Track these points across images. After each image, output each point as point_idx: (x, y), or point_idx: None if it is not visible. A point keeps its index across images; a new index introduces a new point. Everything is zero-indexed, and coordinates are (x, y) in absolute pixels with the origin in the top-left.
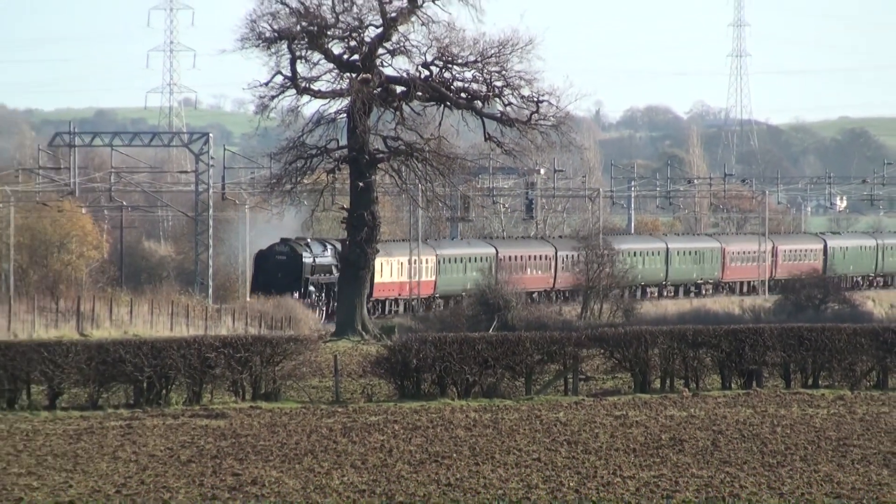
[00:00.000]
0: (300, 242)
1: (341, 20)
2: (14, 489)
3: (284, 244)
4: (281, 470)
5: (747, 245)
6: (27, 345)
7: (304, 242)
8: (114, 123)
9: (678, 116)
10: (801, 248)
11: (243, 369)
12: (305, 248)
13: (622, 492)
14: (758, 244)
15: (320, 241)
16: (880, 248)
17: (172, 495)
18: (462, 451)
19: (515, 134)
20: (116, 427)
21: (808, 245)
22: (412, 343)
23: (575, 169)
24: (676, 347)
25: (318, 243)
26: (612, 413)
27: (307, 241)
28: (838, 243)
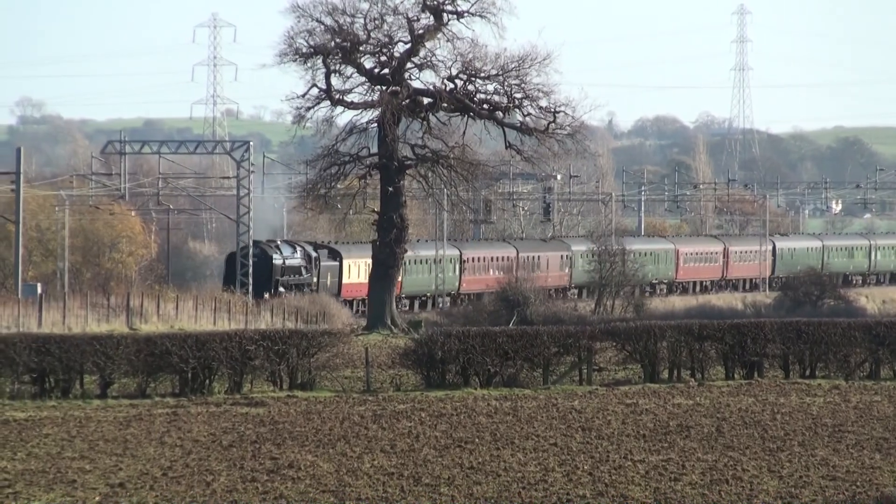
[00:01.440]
0: (270, 244)
1: (372, 37)
2: (68, 472)
3: (255, 246)
4: (316, 454)
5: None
6: (81, 338)
7: (274, 244)
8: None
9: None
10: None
11: (281, 361)
12: (276, 250)
13: (633, 474)
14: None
15: (290, 244)
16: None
17: (215, 477)
18: (484, 437)
19: (534, 142)
20: (163, 414)
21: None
22: (438, 336)
23: (589, 174)
24: (683, 340)
25: (289, 245)
26: (624, 401)
27: (277, 242)
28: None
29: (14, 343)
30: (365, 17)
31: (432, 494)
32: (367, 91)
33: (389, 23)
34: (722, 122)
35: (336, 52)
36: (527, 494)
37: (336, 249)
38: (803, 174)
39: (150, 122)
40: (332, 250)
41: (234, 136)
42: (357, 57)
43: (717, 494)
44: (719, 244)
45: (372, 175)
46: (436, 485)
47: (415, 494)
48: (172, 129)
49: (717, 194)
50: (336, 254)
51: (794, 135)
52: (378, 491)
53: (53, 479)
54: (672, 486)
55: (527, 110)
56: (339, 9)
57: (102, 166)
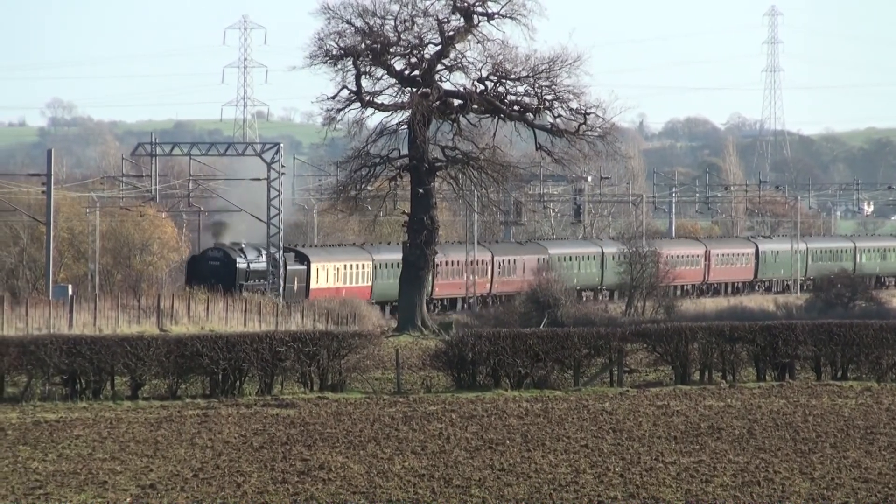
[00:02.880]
0: (234, 248)
1: (403, 38)
2: (99, 473)
3: (218, 249)
4: (346, 456)
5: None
6: (111, 339)
7: (238, 248)
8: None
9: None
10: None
11: (311, 362)
12: (239, 254)
13: (664, 476)
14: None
15: (255, 247)
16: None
17: (245, 479)
18: (515, 439)
19: (564, 144)
20: (194, 416)
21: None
22: (468, 338)
23: (620, 176)
24: (714, 342)
25: (253, 249)
26: (655, 403)
27: (241, 246)
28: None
29: (45, 344)
30: (395, 18)
31: (463, 496)
32: (397, 93)
33: (419, 24)
34: (753, 124)
35: (366, 53)
36: (558, 496)
37: (303, 253)
38: (835, 175)
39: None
40: (299, 254)
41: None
42: (387, 58)
43: (748, 496)
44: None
45: (402, 177)
46: (466, 486)
47: (445, 496)
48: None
49: (748, 196)
50: (303, 257)
51: (825, 136)
52: (409, 492)
53: (84, 480)
54: (703, 488)
55: (557, 112)
56: (370, 10)
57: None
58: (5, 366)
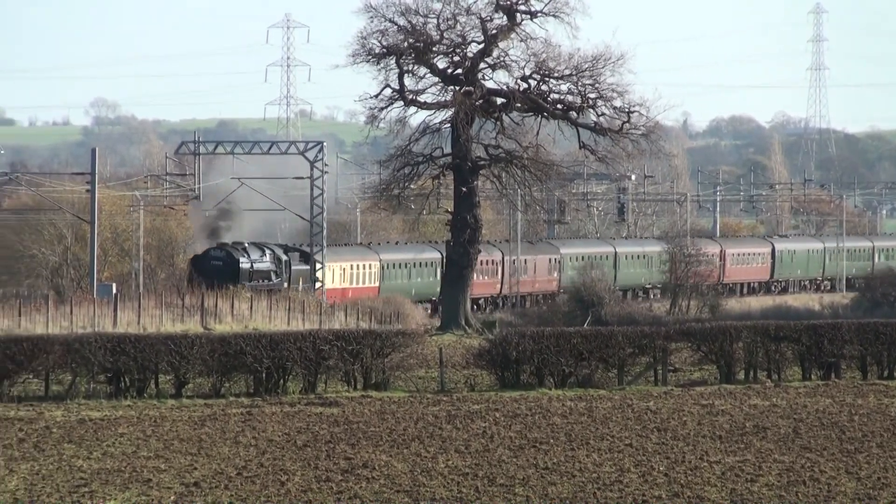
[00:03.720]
0: (237, 247)
1: (446, 37)
2: (144, 471)
3: (220, 249)
4: (390, 454)
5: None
6: (155, 338)
7: (241, 247)
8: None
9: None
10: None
11: (355, 361)
12: (243, 253)
13: (709, 475)
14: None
15: (259, 246)
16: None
17: (289, 477)
18: (559, 438)
19: (608, 142)
20: (237, 414)
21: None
22: (512, 337)
23: (664, 175)
24: (759, 341)
25: (257, 248)
26: (699, 402)
27: (245, 245)
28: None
29: (90, 343)
30: (438, 17)
31: (507, 495)
32: (440, 91)
33: (462, 23)
34: (798, 122)
35: (409, 52)
36: (602, 495)
37: (308, 253)
38: (881, 174)
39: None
40: (304, 253)
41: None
42: (430, 57)
43: (794, 496)
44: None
45: (445, 175)
46: (510, 485)
47: (489, 495)
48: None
49: (793, 195)
50: (308, 257)
51: (870, 134)
52: (453, 491)
53: (129, 478)
54: (748, 488)
55: (601, 110)
56: (412, 9)
57: (176, 167)
58: (50, 364)
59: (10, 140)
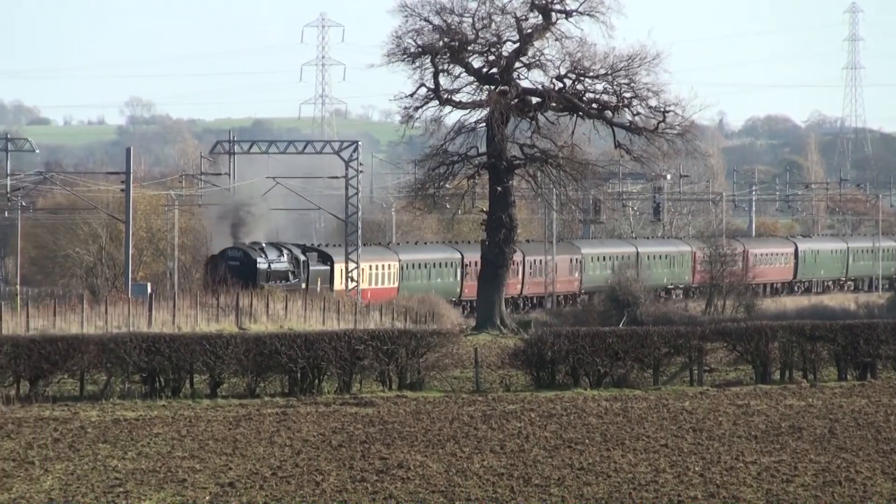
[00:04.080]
0: (254, 247)
1: (481, 36)
2: (178, 471)
3: (237, 249)
4: (425, 454)
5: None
6: (190, 337)
7: (258, 247)
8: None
9: (796, 125)
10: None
11: (390, 361)
12: (260, 253)
13: (744, 476)
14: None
15: (276, 246)
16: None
17: (324, 477)
18: (594, 438)
19: (643, 141)
20: (272, 414)
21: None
22: (547, 337)
23: (699, 174)
24: (795, 341)
25: (274, 248)
26: (735, 402)
27: (262, 245)
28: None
29: (125, 342)
30: (473, 16)
31: (542, 495)
32: (475, 90)
33: (497, 22)
34: (834, 122)
35: (444, 51)
36: (637, 495)
37: (327, 253)
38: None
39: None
40: (322, 253)
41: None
42: (465, 56)
43: (829, 496)
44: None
45: (480, 175)
46: (546, 485)
47: (525, 495)
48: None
49: (829, 194)
50: (327, 257)
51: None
52: (488, 491)
53: (164, 478)
54: (784, 488)
55: (636, 110)
56: (447, 8)
57: (211, 166)
58: (85, 364)
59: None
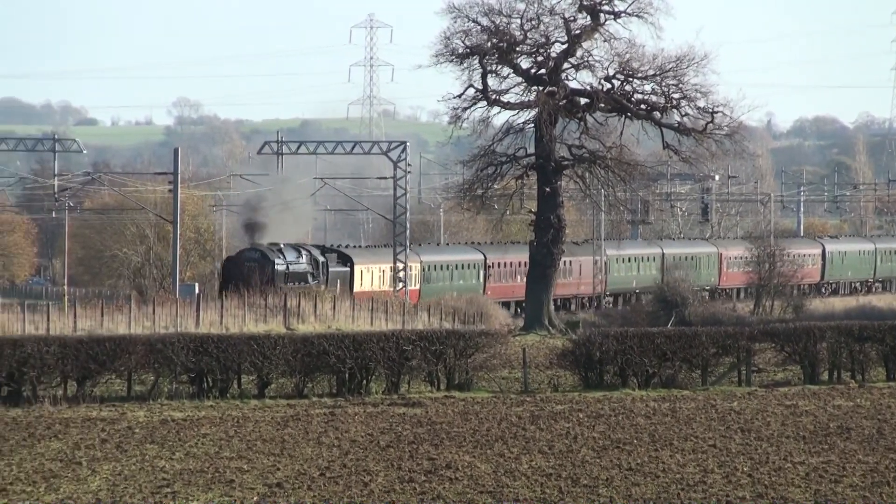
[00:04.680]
0: (272, 248)
1: (529, 37)
2: (226, 472)
3: (254, 250)
4: (473, 455)
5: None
6: (238, 338)
7: (276, 248)
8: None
9: (845, 126)
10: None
11: (438, 361)
12: (278, 255)
13: (793, 476)
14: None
15: (295, 247)
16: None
17: (372, 478)
18: (642, 438)
19: (692, 142)
20: (320, 414)
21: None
22: (595, 337)
23: (747, 175)
24: (843, 341)
25: (293, 249)
26: (783, 403)
27: (280, 246)
28: None
29: (172, 343)
30: (521, 17)
31: (590, 495)
32: (523, 91)
33: (546, 23)
34: (882, 122)
35: (492, 52)
36: (686, 496)
37: (346, 254)
38: None
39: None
40: (342, 255)
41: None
42: (513, 57)
43: (878, 497)
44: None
45: (529, 175)
46: (594, 486)
47: (573, 495)
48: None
49: (877, 195)
50: (347, 259)
51: None
52: (536, 492)
53: (211, 478)
54: (832, 488)
55: (684, 110)
56: (496, 9)
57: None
58: (133, 364)
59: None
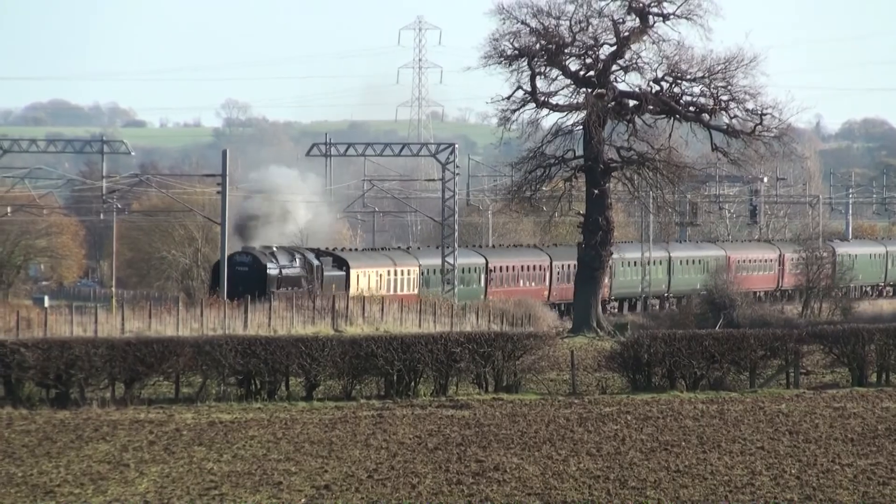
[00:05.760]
0: (265, 252)
1: (578, 39)
2: (274, 474)
3: (246, 254)
4: (521, 457)
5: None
6: (286, 340)
7: (269, 252)
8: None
9: (893, 128)
10: None
11: (486, 363)
12: (270, 259)
13: (841, 478)
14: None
15: (289, 251)
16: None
17: (420, 480)
18: (690, 440)
19: (740, 144)
20: (368, 416)
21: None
22: (644, 339)
23: (796, 177)
24: (892, 344)
25: (286, 253)
26: (831, 405)
27: (273, 250)
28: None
29: (220, 345)
30: (570, 19)
31: (638, 497)
32: (572, 93)
33: (594, 25)
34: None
35: (541, 54)
36: (733, 498)
37: (342, 258)
38: None
39: (355, 124)
40: (337, 258)
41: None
42: (562, 59)
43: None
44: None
45: (577, 177)
46: (642, 488)
47: (621, 497)
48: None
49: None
50: (342, 262)
51: None
52: (584, 494)
53: (259, 480)
54: (881, 490)
55: (733, 112)
56: (544, 11)
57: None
58: (181, 366)
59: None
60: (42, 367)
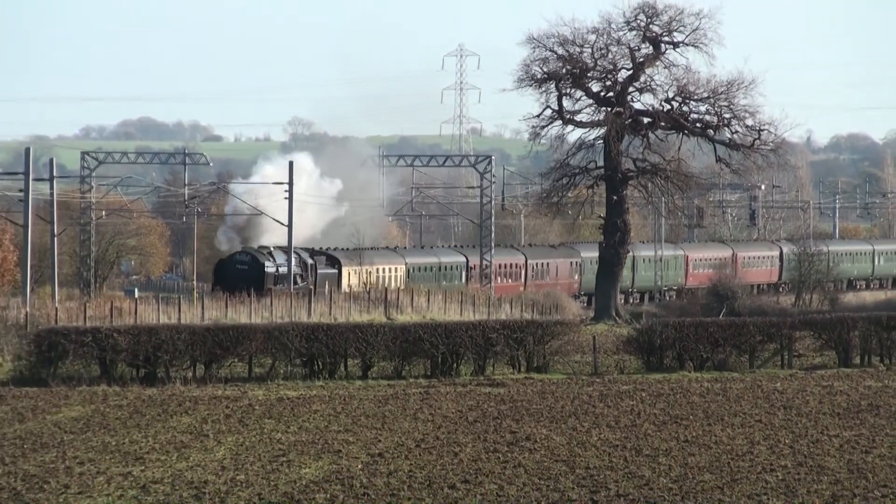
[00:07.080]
0: (262, 251)
1: (599, 64)
2: (334, 443)
3: (245, 253)
4: (549, 428)
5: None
6: (345, 327)
7: (266, 251)
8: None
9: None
10: None
11: (519, 347)
12: (268, 258)
13: (829, 447)
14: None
15: (285, 251)
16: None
17: (462, 448)
18: (697, 414)
19: (741, 156)
20: (416, 394)
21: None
22: (657, 326)
23: (789, 185)
24: (873, 330)
25: (282, 252)
26: (820, 384)
27: (270, 249)
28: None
29: (287, 331)
30: (592, 47)
31: (652, 464)
32: (593, 112)
33: (614, 52)
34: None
35: (567, 77)
36: (735, 464)
37: (335, 256)
38: None
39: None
40: (330, 257)
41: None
42: (585, 82)
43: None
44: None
45: (598, 185)
46: (655, 455)
47: (636, 464)
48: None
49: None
50: (335, 261)
51: None
52: (604, 461)
53: (321, 449)
54: (863, 458)
55: (734, 128)
56: (570, 40)
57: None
58: (253, 349)
59: (217, 154)
60: (133, 350)
